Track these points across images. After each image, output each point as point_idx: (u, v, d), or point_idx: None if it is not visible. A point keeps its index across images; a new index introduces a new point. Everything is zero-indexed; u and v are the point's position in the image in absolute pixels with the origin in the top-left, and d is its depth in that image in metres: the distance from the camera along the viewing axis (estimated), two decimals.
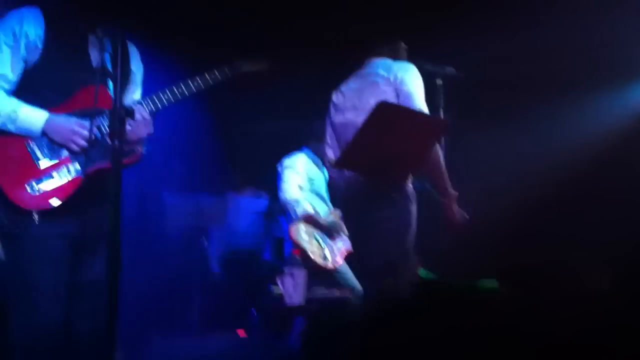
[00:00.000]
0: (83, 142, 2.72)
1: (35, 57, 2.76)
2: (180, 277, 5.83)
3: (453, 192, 3.64)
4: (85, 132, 2.68)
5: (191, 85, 2.88)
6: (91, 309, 2.71)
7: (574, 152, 6.12)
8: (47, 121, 2.71)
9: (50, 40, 2.76)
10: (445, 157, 3.66)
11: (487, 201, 5.38)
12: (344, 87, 3.93)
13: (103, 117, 2.75)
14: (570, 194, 5.99)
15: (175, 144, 5.81)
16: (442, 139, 3.70)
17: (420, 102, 3.56)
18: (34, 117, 2.70)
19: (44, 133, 2.72)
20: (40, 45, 2.75)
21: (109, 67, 2.78)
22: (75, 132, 2.71)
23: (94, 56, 2.85)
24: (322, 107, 4.05)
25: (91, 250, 2.79)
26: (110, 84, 2.77)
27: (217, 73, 2.94)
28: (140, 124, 2.77)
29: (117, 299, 2.19)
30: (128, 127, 2.56)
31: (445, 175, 3.64)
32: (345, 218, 4.42)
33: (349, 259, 4.86)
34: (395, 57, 3.83)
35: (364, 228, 3.64)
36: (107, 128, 2.70)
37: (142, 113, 2.78)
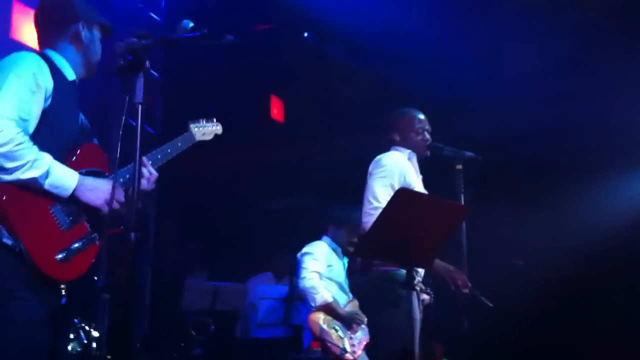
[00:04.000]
0: (118, 206, 2.52)
1: (44, 107, 2.47)
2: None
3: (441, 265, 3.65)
4: (122, 197, 2.52)
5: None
6: None
7: (594, 233, 6.03)
8: (80, 180, 2.45)
9: (55, 93, 2.49)
10: (467, 240, 3.76)
11: (509, 284, 5.53)
12: None
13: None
14: (590, 276, 6.02)
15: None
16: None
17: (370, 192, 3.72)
18: (67, 174, 2.43)
19: (73, 194, 2.43)
20: (48, 96, 2.48)
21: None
22: (111, 194, 2.45)
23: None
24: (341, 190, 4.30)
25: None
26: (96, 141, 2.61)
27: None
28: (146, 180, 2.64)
29: None
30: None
31: None
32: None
33: (368, 349, 4.73)
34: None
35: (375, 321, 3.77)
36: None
37: (149, 168, 2.65)
